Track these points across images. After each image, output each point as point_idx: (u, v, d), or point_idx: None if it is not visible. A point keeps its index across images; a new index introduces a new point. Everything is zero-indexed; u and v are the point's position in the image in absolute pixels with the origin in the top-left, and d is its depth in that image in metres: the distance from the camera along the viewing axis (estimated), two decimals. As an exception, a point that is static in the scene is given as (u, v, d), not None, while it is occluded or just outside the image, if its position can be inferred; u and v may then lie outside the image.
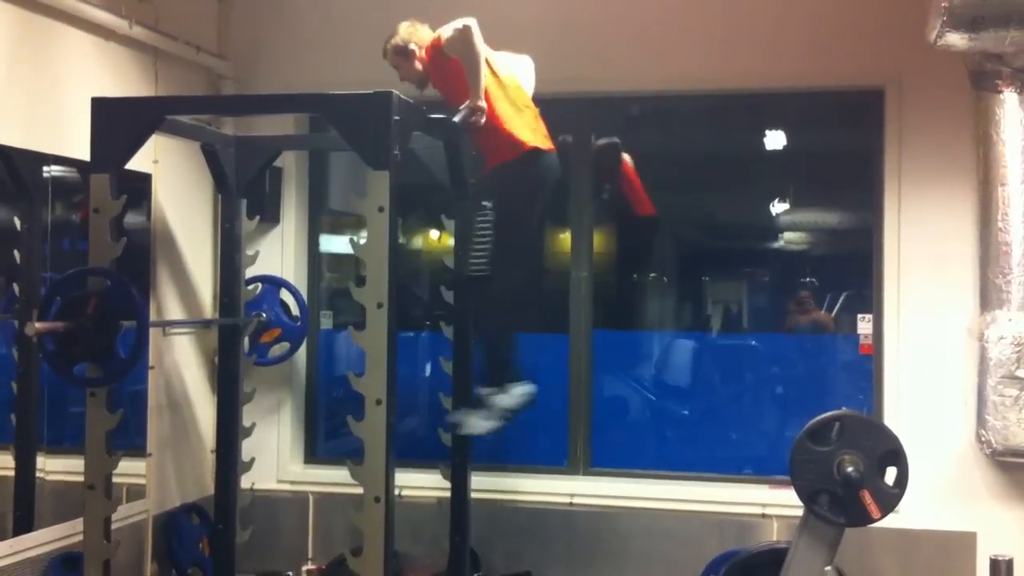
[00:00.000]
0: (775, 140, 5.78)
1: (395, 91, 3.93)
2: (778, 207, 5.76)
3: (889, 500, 3.59)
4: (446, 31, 4.38)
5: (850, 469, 3.51)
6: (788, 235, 5.79)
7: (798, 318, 5.58)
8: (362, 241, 3.96)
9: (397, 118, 3.92)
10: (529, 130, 4.53)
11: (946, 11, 4.27)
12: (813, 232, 5.84)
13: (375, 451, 3.93)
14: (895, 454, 3.60)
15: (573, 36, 5.47)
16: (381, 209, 3.90)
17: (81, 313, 3.88)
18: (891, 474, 3.68)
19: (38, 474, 4.59)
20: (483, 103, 4.23)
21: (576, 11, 5.49)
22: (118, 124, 4.10)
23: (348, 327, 4.17)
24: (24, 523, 4.49)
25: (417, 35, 4.62)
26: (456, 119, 4.23)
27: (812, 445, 3.62)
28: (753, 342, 5.74)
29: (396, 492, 5.23)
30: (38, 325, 3.76)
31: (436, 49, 4.46)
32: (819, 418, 3.66)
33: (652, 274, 6.06)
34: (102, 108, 4.12)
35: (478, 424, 4.58)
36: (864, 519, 3.61)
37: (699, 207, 5.95)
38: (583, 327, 5.64)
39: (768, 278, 5.85)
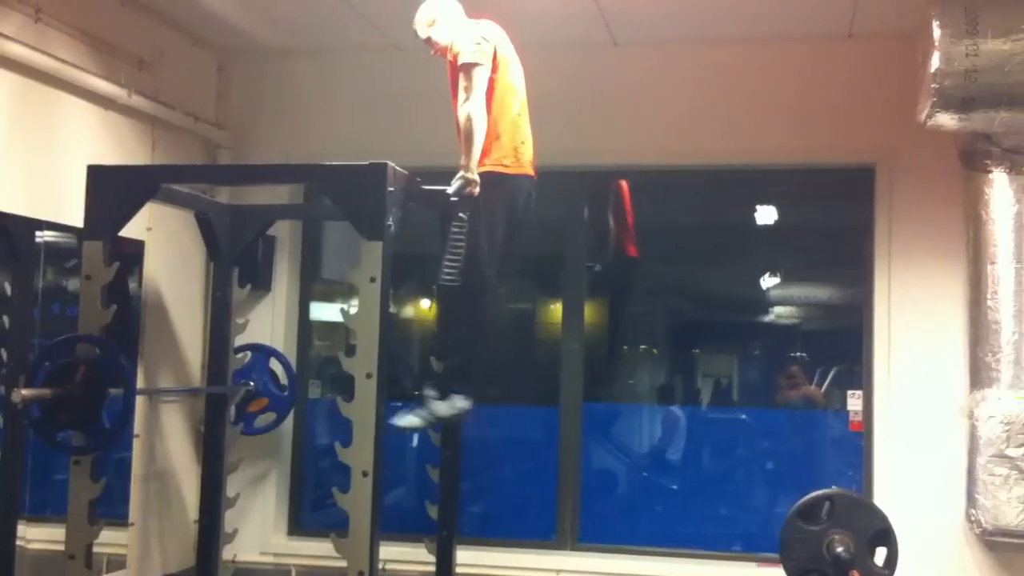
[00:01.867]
0: (767, 215, 5.85)
1: (390, 163, 3.95)
2: (769, 281, 5.80)
3: None
4: (462, 53, 4.35)
5: (840, 549, 3.48)
6: (778, 309, 5.83)
7: (788, 392, 5.58)
8: (353, 311, 3.95)
9: (391, 189, 3.94)
10: (512, 152, 4.47)
11: (936, 92, 4.34)
12: (804, 307, 5.88)
13: (360, 524, 3.88)
14: (885, 534, 3.58)
15: (570, 110, 5.52)
16: (373, 279, 3.91)
17: (69, 380, 3.84)
18: (881, 554, 3.64)
19: (18, 542, 4.52)
20: (476, 176, 4.25)
21: (574, 87, 5.55)
22: (113, 191, 4.12)
23: (337, 397, 4.13)
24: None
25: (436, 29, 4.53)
26: (450, 191, 4.25)
27: (802, 524, 3.60)
28: (743, 416, 5.73)
29: (380, 566, 5.26)
30: (24, 392, 3.73)
31: (452, 64, 4.47)
32: (810, 497, 3.65)
33: (642, 346, 6.05)
34: (98, 175, 4.13)
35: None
36: None
37: (690, 279, 5.99)
38: (573, 399, 5.63)
39: (758, 352, 5.88)
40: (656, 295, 5.93)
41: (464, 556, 5.26)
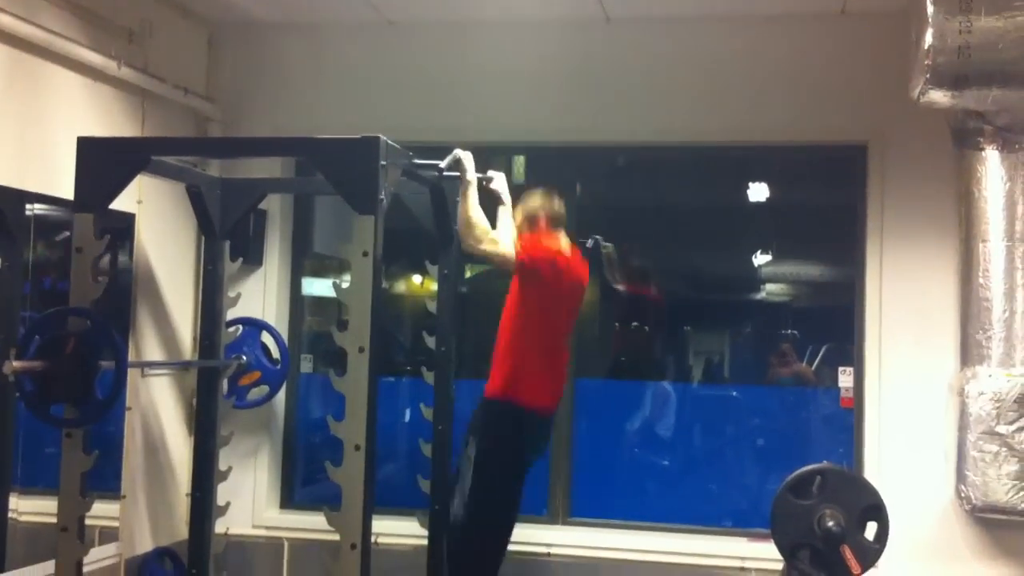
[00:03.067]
0: (758, 193, 5.83)
1: (382, 136, 3.93)
2: (760, 259, 5.79)
3: (869, 555, 3.58)
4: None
5: (831, 524, 3.49)
6: (770, 287, 5.84)
7: (779, 370, 5.59)
8: (345, 285, 3.94)
9: (383, 163, 3.91)
10: (532, 386, 4.63)
11: (929, 69, 4.33)
12: (795, 285, 5.88)
13: (353, 498, 3.87)
14: (876, 509, 3.59)
15: (562, 87, 5.53)
16: (366, 254, 3.89)
17: (60, 353, 3.83)
18: (872, 529, 3.66)
19: (10, 515, 4.51)
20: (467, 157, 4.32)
21: (565, 63, 5.55)
22: (103, 164, 4.08)
23: (329, 371, 4.13)
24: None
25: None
26: (442, 165, 4.24)
27: (793, 499, 3.61)
28: (734, 393, 5.73)
29: (373, 539, 5.26)
30: (16, 364, 3.71)
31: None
32: (800, 472, 3.66)
33: (634, 323, 6.05)
34: (88, 147, 4.10)
35: None
36: (844, 574, 3.58)
37: (682, 258, 5.98)
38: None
39: (750, 330, 5.89)
40: (647, 273, 5.90)
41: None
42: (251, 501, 5.71)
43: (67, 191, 4.20)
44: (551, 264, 4.62)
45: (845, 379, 5.36)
